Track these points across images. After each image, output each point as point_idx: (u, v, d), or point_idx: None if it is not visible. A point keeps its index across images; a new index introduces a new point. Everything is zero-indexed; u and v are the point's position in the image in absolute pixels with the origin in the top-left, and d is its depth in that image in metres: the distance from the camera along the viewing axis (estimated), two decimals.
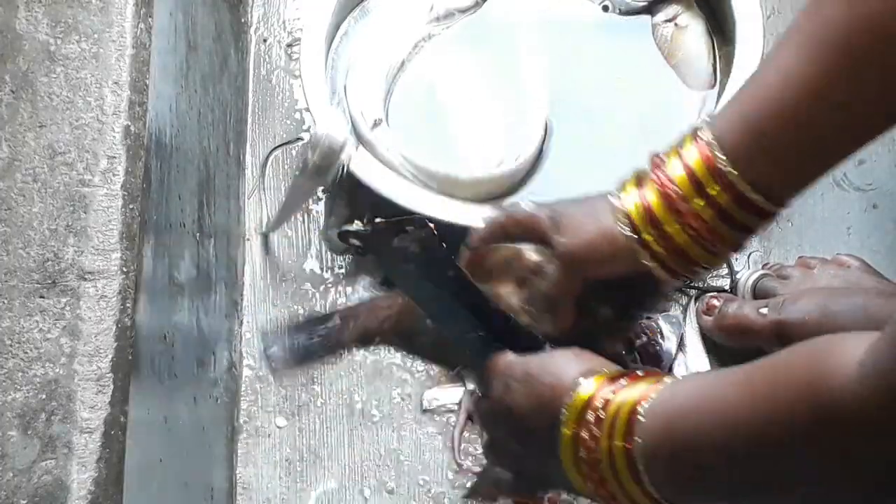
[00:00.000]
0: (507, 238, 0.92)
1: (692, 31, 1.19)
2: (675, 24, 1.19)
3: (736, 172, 0.80)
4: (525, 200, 0.93)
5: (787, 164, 0.80)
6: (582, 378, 0.80)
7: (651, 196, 0.84)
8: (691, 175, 0.82)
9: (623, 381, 0.79)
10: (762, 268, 1.10)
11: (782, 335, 1.00)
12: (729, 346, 1.07)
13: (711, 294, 1.08)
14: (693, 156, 0.82)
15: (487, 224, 0.93)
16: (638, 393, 0.76)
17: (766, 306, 1.02)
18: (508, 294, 0.91)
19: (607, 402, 0.78)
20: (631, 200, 0.85)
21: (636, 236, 0.84)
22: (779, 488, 0.69)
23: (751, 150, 0.79)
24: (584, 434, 0.78)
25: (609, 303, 0.92)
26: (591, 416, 0.78)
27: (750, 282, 1.07)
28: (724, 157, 0.80)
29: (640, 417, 0.75)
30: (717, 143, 0.80)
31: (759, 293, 1.06)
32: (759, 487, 0.70)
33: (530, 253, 0.92)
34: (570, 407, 0.79)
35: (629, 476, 0.75)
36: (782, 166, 0.80)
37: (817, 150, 0.79)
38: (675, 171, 0.83)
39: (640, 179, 0.86)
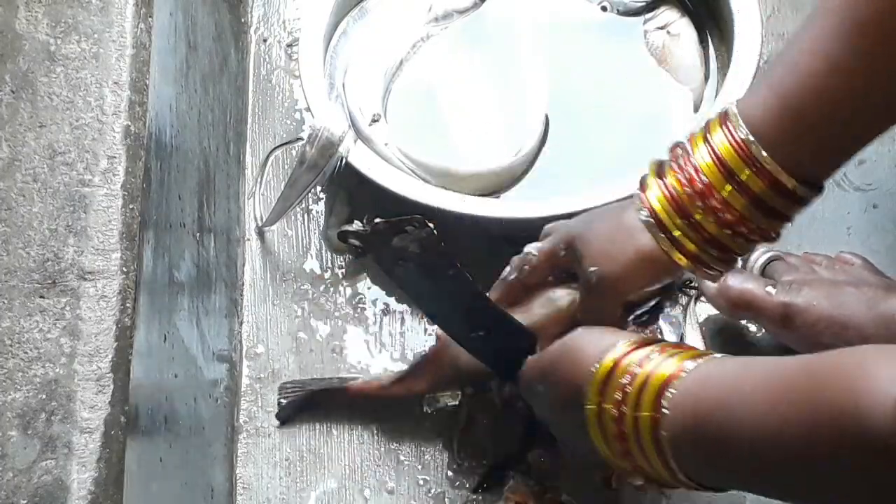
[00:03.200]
0: (528, 287, 0.92)
1: (684, 40, 1.19)
2: (668, 32, 1.19)
3: (769, 156, 0.78)
4: (534, 245, 0.93)
5: (825, 149, 0.79)
6: (604, 353, 0.79)
7: (675, 185, 0.82)
8: (720, 161, 0.80)
9: (652, 354, 0.77)
10: (774, 250, 1.08)
11: (787, 318, 0.99)
12: (726, 316, 1.06)
13: None
14: (721, 141, 0.80)
15: (504, 285, 0.92)
16: (670, 368, 0.75)
17: (772, 286, 1.01)
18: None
19: (634, 375, 0.76)
20: (654, 194, 0.83)
21: (664, 234, 0.82)
22: (802, 493, 0.68)
23: (788, 134, 0.78)
24: (609, 405, 0.77)
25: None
26: (616, 389, 0.77)
27: (761, 260, 1.06)
28: (757, 142, 0.78)
29: (669, 394, 0.73)
30: (747, 128, 0.79)
31: (766, 275, 1.05)
32: (783, 489, 0.69)
33: (559, 293, 0.92)
34: (593, 380, 0.78)
35: (655, 452, 0.74)
36: (820, 150, 0.79)
37: (856, 132, 0.79)
38: (703, 158, 0.81)
39: (660, 169, 0.84)
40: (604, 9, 1.22)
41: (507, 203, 1.11)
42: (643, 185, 0.85)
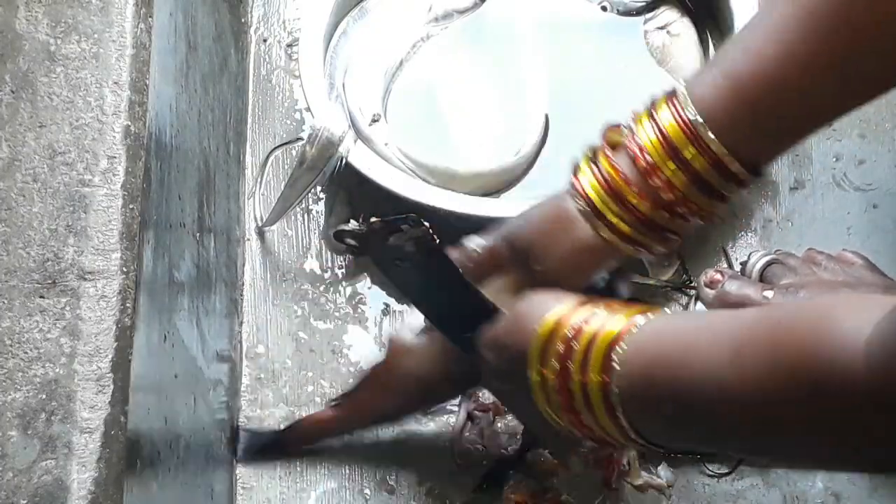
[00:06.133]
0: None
1: (684, 40, 1.19)
2: (668, 32, 1.20)
3: (714, 138, 0.77)
4: (475, 239, 0.89)
5: (772, 135, 0.78)
6: (546, 314, 0.77)
7: (608, 169, 0.81)
8: (665, 139, 0.79)
9: (598, 310, 0.75)
10: (773, 253, 1.08)
11: None
12: None
13: (716, 268, 1.06)
14: (668, 118, 0.79)
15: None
16: (617, 325, 0.73)
17: (770, 290, 1.01)
18: None
19: (579, 330, 0.74)
20: (587, 180, 0.82)
21: (601, 221, 0.81)
22: (761, 448, 0.67)
23: (737, 118, 0.77)
24: (551, 370, 0.75)
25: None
26: (559, 348, 0.75)
27: (759, 264, 1.06)
28: (704, 123, 0.77)
29: (620, 349, 0.71)
30: (696, 108, 0.78)
31: (765, 278, 1.05)
32: (742, 444, 0.68)
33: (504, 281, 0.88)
34: (536, 339, 0.76)
35: (604, 411, 0.72)
36: (767, 137, 0.78)
37: (808, 121, 0.78)
38: (647, 135, 0.80)
39: (594, 153, 0.83)
40: (604, 9, 1.22)
41: (507, 203, 1.11)
42: (576, 171, 0.84)
